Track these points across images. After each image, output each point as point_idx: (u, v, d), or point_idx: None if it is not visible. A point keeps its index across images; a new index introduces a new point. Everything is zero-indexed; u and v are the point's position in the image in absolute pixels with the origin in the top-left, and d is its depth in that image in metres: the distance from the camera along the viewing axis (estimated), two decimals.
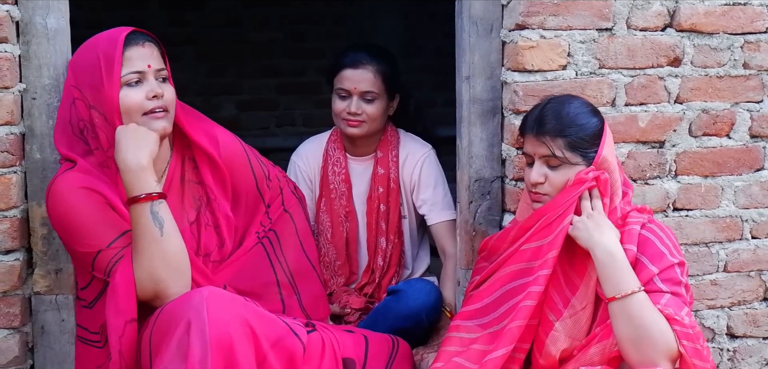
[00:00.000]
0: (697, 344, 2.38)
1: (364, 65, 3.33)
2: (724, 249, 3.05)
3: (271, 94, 6.75)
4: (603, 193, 2.55)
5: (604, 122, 2.63)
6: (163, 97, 2.59)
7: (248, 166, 2.90)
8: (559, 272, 2.56)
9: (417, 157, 3.45)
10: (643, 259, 2.48)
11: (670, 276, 2.46)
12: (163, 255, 2.49)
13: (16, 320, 2.78)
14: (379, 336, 2.91)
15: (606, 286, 2.46)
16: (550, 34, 2.85)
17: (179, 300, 2.45)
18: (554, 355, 2.55)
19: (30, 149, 2.79)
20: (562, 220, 2.53)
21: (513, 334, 2.53)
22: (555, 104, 2.62)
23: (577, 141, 2.55)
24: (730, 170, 3.02)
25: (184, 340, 2.34)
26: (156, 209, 2.49)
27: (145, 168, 2.49)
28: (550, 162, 2.58)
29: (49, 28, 2.77)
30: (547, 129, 2.57)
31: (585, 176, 2.53)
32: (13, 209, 2.74)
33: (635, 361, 2.40)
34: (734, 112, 3.00)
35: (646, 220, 2.56)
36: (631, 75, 2.92)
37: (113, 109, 2.53)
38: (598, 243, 2.47)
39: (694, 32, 2.93)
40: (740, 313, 3.10)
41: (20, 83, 2.75)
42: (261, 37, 6.62)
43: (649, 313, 2.39)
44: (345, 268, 3.48)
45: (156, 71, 2.60)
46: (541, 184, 2.60)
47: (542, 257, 2.54)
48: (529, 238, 2.61)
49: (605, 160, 2.56)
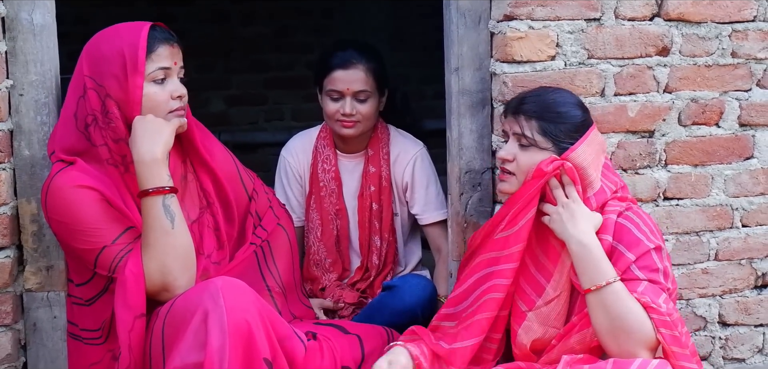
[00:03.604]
0: (674, 331, 2.38)
1: (354, 65, 3.30)
2: (715, 238, 3.06)
3: (259, 89, 6.73)
4: (574, 181, 2.54)
5: (592, 123, 2.63)
6: (184, 98, 2.63)
7: (240, 182, 2.93)
8: (529, 262, 2.58)
9: (408, 155, 3.42)
10: (620, 247, 2.48)
11: (646, 263, 2.46)
12: (174, 248, 2.50)
13: (8, 318, 2.78)
14: (372, 330, 2.91)
15: (582, 278, 2.47)
16: (539, 25, 2.86)
17: (193, 290, 2.45)
18: (526, 344, 2.56)
19: (18, 146, 2.78)
20: (526, 213, 2.54)
21: (482, 326, 2.56)
22: (541, 91, 2.66)
23: (551, 127, 2.55)
24: (720, 159, 3.03)
25: (201, 329, 2.33)
26: (168, 202, 2.50)
27: (159, 161, 2.50)
28: (521, 141, 2.59)
29: (35, 24, 2.75)
30: (523, 109, 2.59)
31: (545, 167, 2.53)
32: (3, 206, 2.73)
33: (614, 351, 2.42)
34: (723, 100, 3.01)
35: (624, 208, 2.56)
36: (620, 65, 2.92)
37: (135, 102, 2.53)
38: (572, 235, 2.47)
39: (682, 21, 2.94)
40: (732, 301, 3.11)
41: (7, 80, 2.74)
42: (249, 32, 6.60)
43: (625, 303, 2.40)
44: (337, 266, 3.46)
45: (179, 69, 2.63)
46: (509, 162, 2.61)
47: (507, 249, 2.55)
48: (502, 228, 2.62)
49: (578, 156, 2.54)
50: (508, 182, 2.63)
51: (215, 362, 2.29)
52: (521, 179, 2.59)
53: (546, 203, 2.57)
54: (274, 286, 2.91)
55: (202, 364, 2.30)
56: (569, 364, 2.43)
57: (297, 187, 3.49)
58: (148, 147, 2.49)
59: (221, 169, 2.83)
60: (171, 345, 2.40)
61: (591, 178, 2.57)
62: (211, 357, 2.29)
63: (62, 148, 2.60)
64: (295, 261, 3.06)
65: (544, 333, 2.55)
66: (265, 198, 3.04)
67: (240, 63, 6.62)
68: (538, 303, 2.55)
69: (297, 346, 2.52)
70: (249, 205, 2.94)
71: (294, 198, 3.49)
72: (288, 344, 2.49)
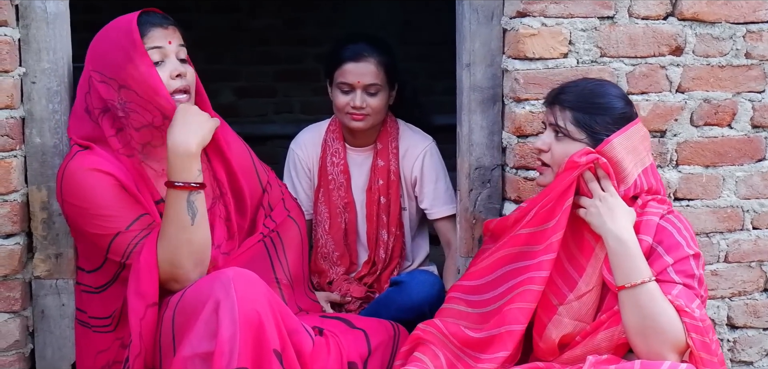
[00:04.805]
0: (705, 337, 2.36)
1: (365, 58, 3.30)
2: (725, 239, 3.05)
3: (268, 81, 6.73)
4: (608, 174, 2.50)
5: (635, 117, 2.58)
6: (185, 77, 2.61)
7: (255, 175, 2.93)
8: (562, 254, 2.54)
9: (418, 150, 3.42)
10: (659, 248, 2.46)
11: (684, 268, 2.44)
12: (189, 243, 2.50)
13: (17, 304, 2.79)
14: (378, 324, 2.91)
15: (616, 274, 2.44)
16: (552, 22, 2.85)
17: (204, 280, 2.46)
18: (555, 339, 2.53)
19: (30, 133, 2.79)
20: (564, 203, 2.50)
21: (524, 313, 2.51)
22: (582, 81, 2.63)
23: (586, 118, 2.51)
24: (732, 160, 3.02)
25: (212, 319, 2.34)
26: (192, 199, 2.50)
27: (193, 155, 2.50)
28: (556, 131, 2.56)
29: (48, 12, 2.76)
30: (560, 99, 2.56)
31: (578, 159, 2.50)
32: (14, 193, 2.74)
33: (643, 351, 2.39)
34: (736, 101, 2.99)
35: (666, 211, 2.54)
36: (633, 64, 2.91)
37: (150, 82, 2.53)
38: (610, 230, 2.44)
39: (696, 21, 2.93)
40: (741, 303, 3.10)
41: (20, 67, 2.74)
42: (258, 24, 6.60)
43: (658, 303, 2.38)
44: (344, 259, 3.46)
45: (177, 48, 2.62)
46: (545, 153, 2.59)
47: (545, 241, 2.51)
48: (527, 223, 2.59)
49: (613, 149, 2.50)
50: (545, 175, 2.61)
51: (225, 352, 2.29)
52: (556, 171, 2.56)
53: (581, 196, 2.54)
54: (283, 277, 2.91)
55: (212, 353, 2.30)
56: (595, 365, 2.40)
57: (306, 180, 3.49)
58: (184, 138, 2.49)
59: (237, 160, 2.83)
60: (182, 334, 2.41)
61: (626, 173, 2.52)
62: (221, 347, 2.29)
63: (78, 135, 2.62)
64: (305, 254, 3.06)
65: (574, 328, 2.52)
66: (278, 191, 3.05)
67: (249, 55, 6.62)
68: (569, 297, 2.52)
69: (305, 339, 2.53)
70: (262, 198, 2.94)
71: (302, 191, 3.49)
72: (297, 337, 2.49)
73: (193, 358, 2.35)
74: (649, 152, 2.61)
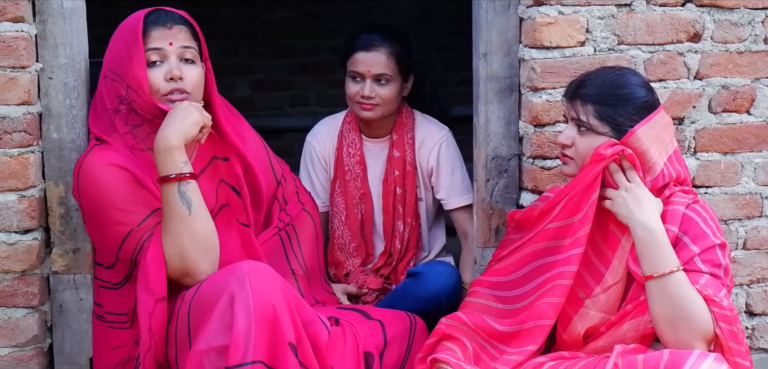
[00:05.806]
0: (733, 327, 2.36)
1: (376, 48, 3.30)
2: (744, 226, 3.03)
3: (284, 74, 6.74)
4: (634, 165, 2.48)
5: (658, 105, 2.55)
6: (182, 80, 2.58)
7: (270, 168, 2.94)
8: (588, 248, 2.52)
9: (434, 140, 3.42)
10: (685, 238, 2.45)
11: (710, 257, 2.42)
12: (192, 233, 2.50)
13: (35, 299, 2.80)
14: (394, 315, 2.90)
15: (644, 264, 2.43)
16: (569, 10, 2.83)
17: (219, 274, 2.46)
18: (580, 331, 2.52)
19: (47, 129, 2.79)
20: (590, 196, 2.48)
21: (554, 308, 2.50)
22: (601, 72, 2.59)
23: (608, 111, 2.49)
24: (750, 147, 2.99)
25: (227, 312, 2.34)
26: (183, 189, 2.50)
27: (173, 148, 2.49)
28: (579, 126, 2.54)
29: (65, 8, 2.76)
30: (581, 93, 2.53)
31: (603, 151, 2.48)
32: (31, 189, 2.75)
33: (670, 340, 2.39)
34: (754, 88, 2.97)
35: (691, 200, 2.52)
36: (651, 51, 2.89)
37: (142, 86, 2.53)
38: (638, 220, 2.43)
39: (714, 7, 2.90)
40: (759, 290, 3.08)
41: (37, 63, 2.75)
42: (274, 17, 6.60)
43: (687, 292, 2.37)
44: (361, 250, 3.46)
45: (180, 50, 2.59)
46: (568, 147, 2.57)
47: (573, 235, 2.50)
48: (554, 217, 2.58)
49: (638, 139, 2.48)
50: (569, 165, 2.59)
51: (241, 345, 2.29)
52: (580, 163, 2.54)
53: (607, 187, 2.52)
54: (299, 269, 2.91)
55: (227, 347, 2.31)
56: (623, 354, 2.39)
57: (322, 172, 3.49)
58: (164, 133, 2.49)
59: (252, 154, 2.83)
60: (197, 328, 2.41)
61: (652, 163, 2.50)
62: (237, 340, 2.30)
63: (97, 129, 2.63)
64: (320, 247, 3.06)
65: (600, 320, 2.51)
66: (293, 184, 3.05)
67: (265, 48, 6.62)
68: (596, 290, 2.50)
69: (321, 331, 2.53)
70: (277, 191, 2.94)
71: (319, 183, 3.49)
72: (312, 329, 2.49)
73: (208, 351, 2.35)
74: (673, 138, 2.59)
